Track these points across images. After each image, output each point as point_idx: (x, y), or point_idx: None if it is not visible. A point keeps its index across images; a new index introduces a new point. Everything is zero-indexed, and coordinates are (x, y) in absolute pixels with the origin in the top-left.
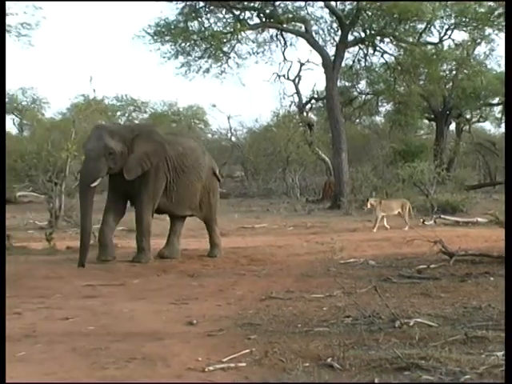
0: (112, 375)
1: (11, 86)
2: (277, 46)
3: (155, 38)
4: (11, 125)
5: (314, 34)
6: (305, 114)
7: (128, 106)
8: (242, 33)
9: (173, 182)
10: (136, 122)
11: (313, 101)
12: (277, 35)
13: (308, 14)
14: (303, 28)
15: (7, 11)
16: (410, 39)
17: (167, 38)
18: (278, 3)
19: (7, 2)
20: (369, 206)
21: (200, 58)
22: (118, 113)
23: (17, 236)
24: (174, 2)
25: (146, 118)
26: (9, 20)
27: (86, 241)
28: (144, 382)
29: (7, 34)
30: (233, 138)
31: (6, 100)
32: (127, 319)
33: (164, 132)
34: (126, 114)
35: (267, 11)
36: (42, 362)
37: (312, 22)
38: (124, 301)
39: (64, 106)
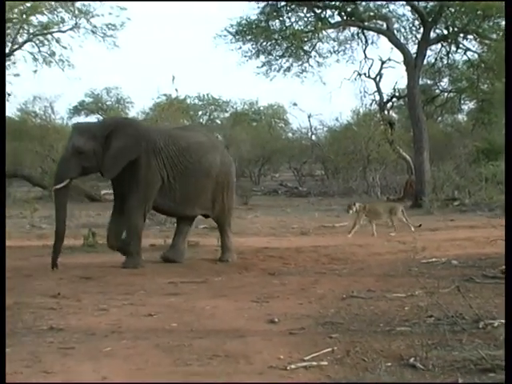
0: (195, 372)
1: (96, 86)
2: (358, 45)
3: (237, 37)
4: None
5: (395, 31)
6: (386, 112)
7: (209, 105)
8: (323, 31)
9: (174, 180)
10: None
11: (394, 99)
12: (358, 33)
13: (390, 11)
14: (385, 26)
15: (93, 13)
16: (494, 36)
17: (248, 37)
18: (359, 1)
19: (93, 5)
20: (354, 210)
21: (281, 56)
22: (200, 112)
23: (102, 233)
24: (256, 2)
25: (226, 118)
26: (94, 21)
27: (57, 245)
28: (225, 382)
29: (93, 36)
30: (313, 137)
31: (92, 100)
32: (209, 316)
33: (172, 126)
34: (208, 114)
35: (348, 9)
36: (128, 357)
37: (394, 19)
38: (206, 298)
39: (147, 105)
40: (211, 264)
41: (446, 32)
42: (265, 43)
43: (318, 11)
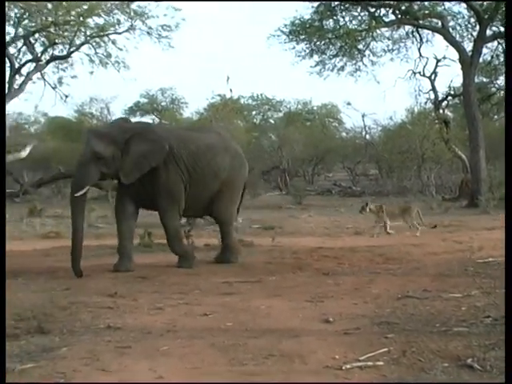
0: (250, 371)
1: (151, 87)
2: (412, 43)
3: (290, 37)
4: None
5: (450, 29)
6: (441, 110)
7: (263, 105)
8: (377, 30)
9: (186, 184)
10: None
11: (449, 97)
12: (412, 32)
13: (445, 9)
14: (440, 24)
15: (148, 14)
16: None
17: (302, 36)
18: (414, 0)
19: (149, 6)
20: (368, 211)
21: (335, 56)
22: (253, 112)
23: (157, 233)
24: (310, 1)
25: (280, 117)
26: (150, 23)
27: (75, 251)
28: (280, 382)
29: (148, 37)
30: (367, 136)
31: (147, 101)
32: (264, 316)
33: (182, 128)
34: (261, 114)
35: (403, 8)
36: (184, 356)
37: (449, 17)
38: (261, 297)
39: (201, 105)
40: (265, 263)
41: (502, 29)
42: (318, 43)
43: (372, 10)
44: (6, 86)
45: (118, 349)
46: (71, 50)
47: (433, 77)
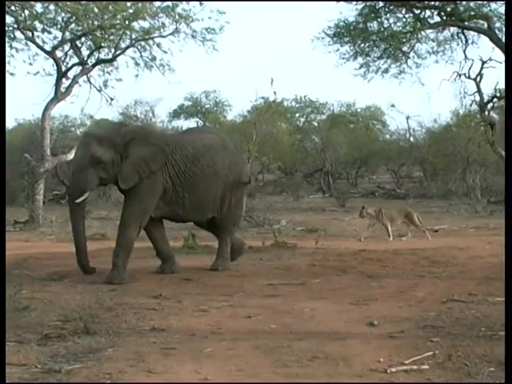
0: (295, 373)
1: (195, 90)
2: (458, 45)
3: (334, 39)
4: None
5: (497, 30)
6: (486, 113)
7: (306, 107)
8: (422, 32)
9: (182, 188)
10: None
11: (495, 100)
12: (458, 33)
13: (491, 10)
14: (486, 25)
15: (193, 17)
16: None
17: (346, 39)
18: (459, 1)
19: (193, 9)
20: (365, 214)
21: (379, 58)
22: (297, 114)
23: (201, 235)
24: (354, 3)
25: (323, 120)
26: (194, 25)
27: (81, 258)
28: (325, 382)
29: (193, 40)
30: (411, 139)
31: (191, 103)
32: (308, 318)
33: (180, 131)
34: (305, 116)
35: (448, 9)
36: (228, 358)
37: (495, 18)
38: (304, 300)
39: (245, 108)
40: (309, 266)
41: None
42: (363, 45)
43: (417, 12)
44: (53, 89)
45: (162, 350)
46: (117, 53)
47: (478, 79)
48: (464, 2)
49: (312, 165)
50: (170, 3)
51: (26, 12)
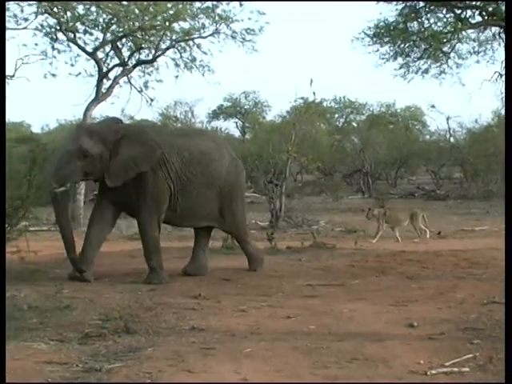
0: (334, 374)
1: (235, 90)
2: (499, 45)
3: (374, 39)
4: (234, 128)
5: None
6: None
7: (346, 107)
8: (463, 32)
9: (177, 192)
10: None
11: None
12: (499, 33)
13: None
14: None
15: (233, 18)
16: None
17: (386, 39)
18: (501, 1)
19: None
20: (371, 216)
21: (419, 58)
22: (336, 115)
23: None
24: (394, 3)
25: (363, 120)
26: (234, 26)
27: (70, 251)
28: (366, 382)
29: (233, 41)
30: (451, 139)
31: (230, 104)
32: (347, 319)
33: (175, 132)
34: (344, 116)
35: (489, 9)
36: (267, 359)
37: None
38: (344, 301)
39: (284, 108)
40: (348, 267)
41: None
42: (403, 45)
43: (458, 11)
44: (94, 90)
45: (202, 350)
46: (157, 54)
47: None
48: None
49: (351, 165)
50: (210, 4)
51: (68, 14)
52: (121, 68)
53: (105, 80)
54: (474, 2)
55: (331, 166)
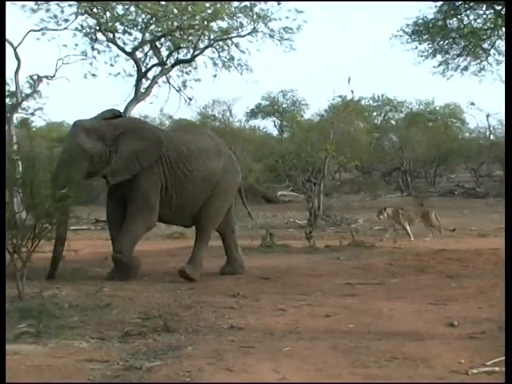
0: (374, 374)
1: (272, 89)
2: None
3: (413, 37)
4: (272, 126)
5: None
6: None
7: (384, 105)
8: (503, 28)
9: (172, 188)
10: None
11: None
12: None
13: None
14: None
15: (271, 17)
16: None
17: (425, 36)
18: None
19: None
20: (385, 216)
21: (458, 55)
22: (374, 113)
23: (278, 234)
24: (433, 1)
25: (401, 118)
26: (272, 25)
27: (56, 254)
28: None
29: (270, 39)
30: (491, 137)
31: (268, 103)
32: (387, 318)
33: (171, 128)
34: (382, 114)
35: None
36: (307, 357)
37: None
38: (383, 300)
39: (322, 107)
40: (387, 265)
41: None
42: (442, 42)
43: (498, 8)
44: (133, 89)
45: (241, 349)
46: (195, 53)
47: None
48: None
49: (390, 163)
50: (248, 3)
51: (108, 14)
52: (159, 68)
53: (144, 80)
54: None
55: (369, 164)
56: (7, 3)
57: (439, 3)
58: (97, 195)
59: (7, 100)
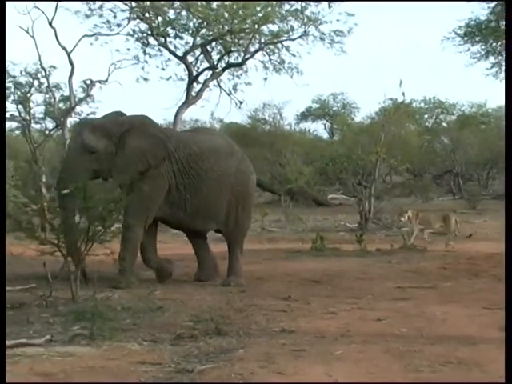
0: (427, 378)
1: (323, 92)
2: None
3: (465, 38)
4: (322, 129)
5: None
6: None
7: (435, 108)
8: None
9: (185, 188)
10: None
11: None
12: None
13: None
14: None
15: (321, 20)
16: None
17: (477, 38)
18: None
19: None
20: (406, 218)
21: None
22: (425, 115)
23: (329, 237)
24: (486, 2)
25: (453, 121)
26: (323, 28)
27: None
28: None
29: (321, 42)
30: None
31: (318, 106)
32: (440, 322)
33: (184, 130)
34: (434, 117)
35: None
36: (359, 361)
37: None
38: (435, 304)
39: (373, 110)
40: (439, 269)
41: None
42: (494, 44)
43: None
44: (184, 93)
45: (292, 352)
46: (246, 57)
47: None
48: None
49: (441, 166)
50: (299, 6)
51: (160, 18)
52: (210, 71)
53: (195, 83)
54: None
55: (421, 167)
56: (61, 10)
57: (492, 4)
58: None
59: (61, 105)
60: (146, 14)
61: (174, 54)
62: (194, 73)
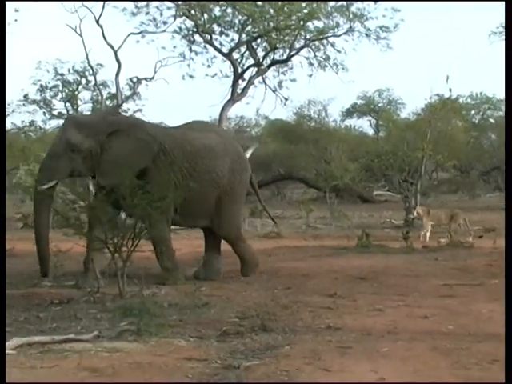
0: (475, 376)
1: (368, 88)
2: None
3: None
4: (368, 126)
5: None
6: None
7: (483, 103)
8: None
9: (177, 187)
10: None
11: None
12: None
13: None
14: None
15: (367, 16)
16: None
17: None
18: None
19: (367, 8)
20: (415, 214)
21: None
22: (472, 111)
23: (374, 234)
24: None
25: (501, 116)
26: (368, 24)
27: (42, 250)
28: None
29: (367, 38)
30: None
31: (364, 102)
32: (487, 320)
33: (178, 126)
34: (481, 113)
35: None
36: (405, 359)
37: None
38: (482, 301)
39: (419, 106)
40: (486, 266)
41: None
42: None
43: None
44: (230, 90)
45: (338, 349)
46: (291, 53)
47: None
48: None
49: (489, 162)
50: (344, 2)
51: (205, 16)
52: (256, 68)
53: (240, 80)
54: None
55: (467, 163)
56: (108, 8)
57: None
58: None
59: (108, 102)
60: (192, 12)
61: (219, 51)
62: (240, 70)
